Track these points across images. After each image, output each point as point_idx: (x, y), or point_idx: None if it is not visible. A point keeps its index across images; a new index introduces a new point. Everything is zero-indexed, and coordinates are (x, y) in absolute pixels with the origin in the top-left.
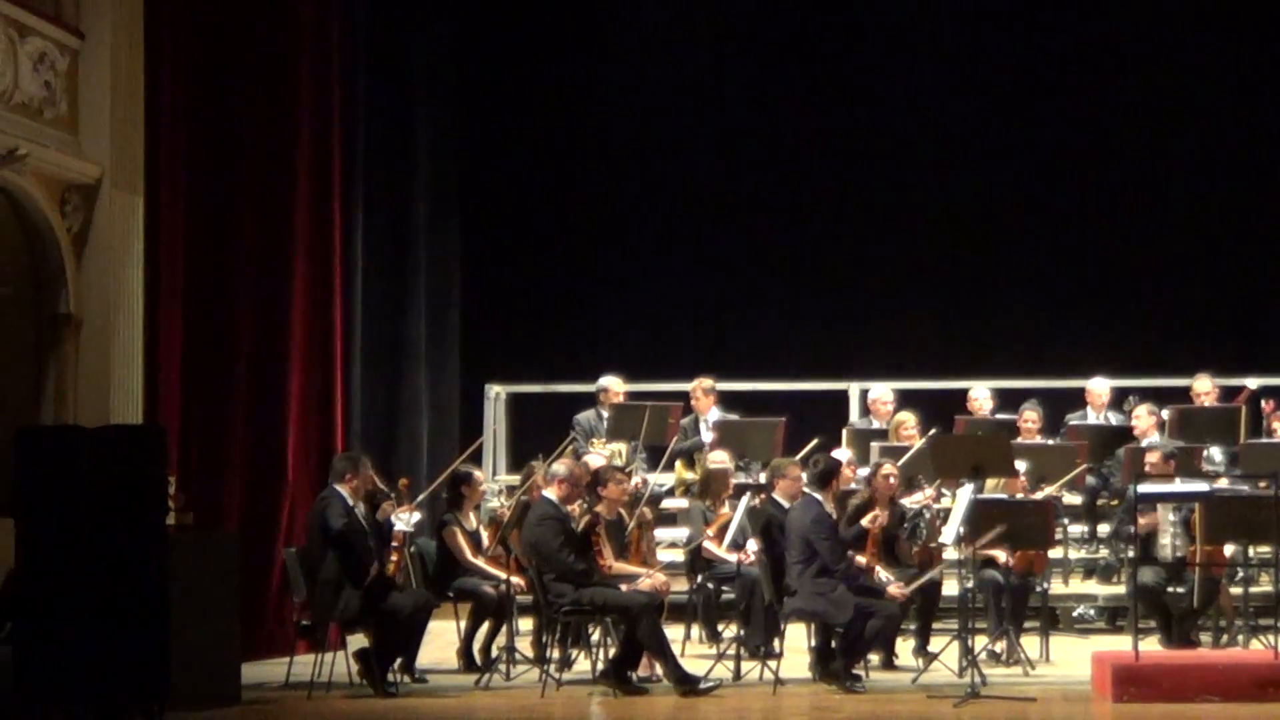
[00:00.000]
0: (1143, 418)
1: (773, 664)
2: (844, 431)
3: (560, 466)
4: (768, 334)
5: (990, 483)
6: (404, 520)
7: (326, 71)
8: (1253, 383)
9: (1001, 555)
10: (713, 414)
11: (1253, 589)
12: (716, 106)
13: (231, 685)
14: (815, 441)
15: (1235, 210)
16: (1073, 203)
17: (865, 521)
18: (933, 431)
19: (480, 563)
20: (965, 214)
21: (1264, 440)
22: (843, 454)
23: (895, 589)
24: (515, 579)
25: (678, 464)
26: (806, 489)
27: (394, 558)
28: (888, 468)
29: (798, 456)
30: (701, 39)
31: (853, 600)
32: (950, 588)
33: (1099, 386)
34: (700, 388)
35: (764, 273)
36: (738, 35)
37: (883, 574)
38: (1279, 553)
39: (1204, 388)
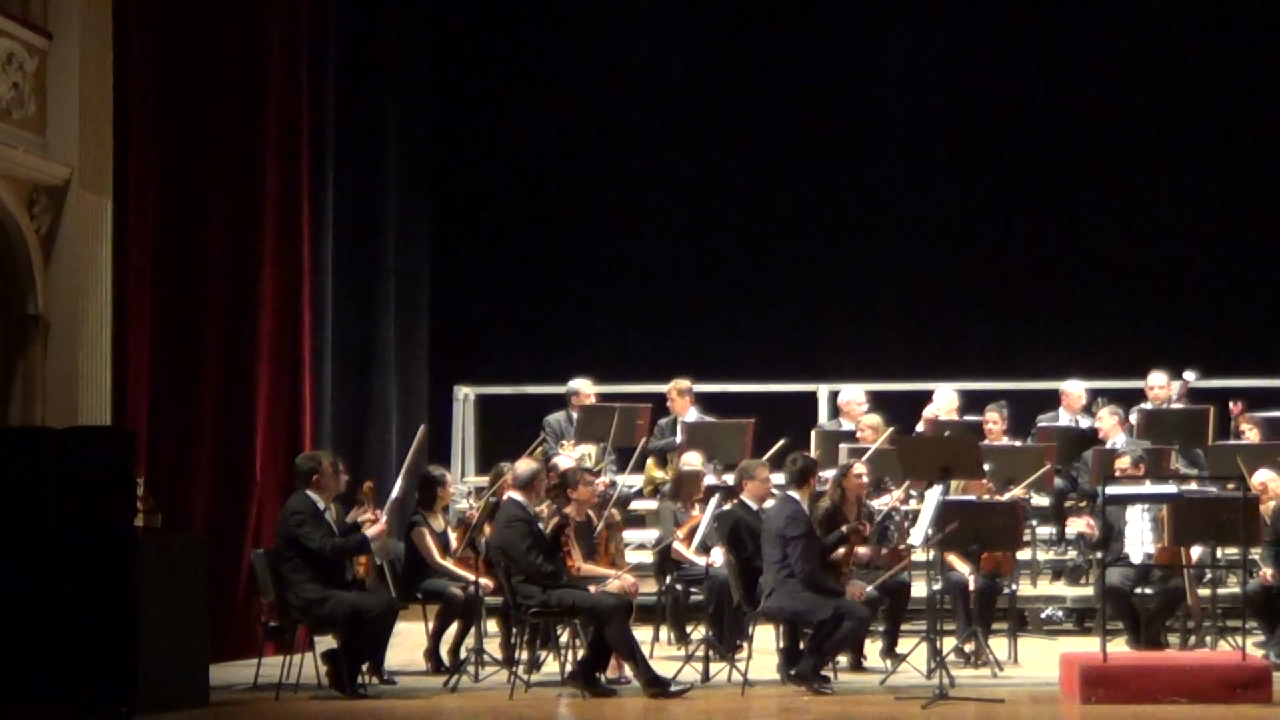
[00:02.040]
0: (1105, 419)
1: (741, 665)
2: (812, 433)
3: (522, 466)
4: (737, 335)
5: (954, 484)
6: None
7: (295, 73)
8: (1190, 375)
9: (965, 569)
10: (690, 415)
11: (1220, 590)
12: (689, 109)
13: (200, 686)
14: (782, 442)
15: (1204, 213)
16: (1042, 205)
17: (846, 530)
18: (889, 431)
19: (449, 564)
20: (936, 216)
21: (1232, 442)
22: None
23: (855, 588)
24: (484, 580)
25: (649, 462)
26: (779, 488)
27: (362, 560)
28: (858, 468)
29: (765, 457)
30: (675, 43)
31: (831, 599)
32: (919, 589)
33: (1074, 388)
34: (676, 389)
35: (734, 274)
36: (711, 38)
37: (857, 583)
38: (1246, 554)
39: (1159, 381)
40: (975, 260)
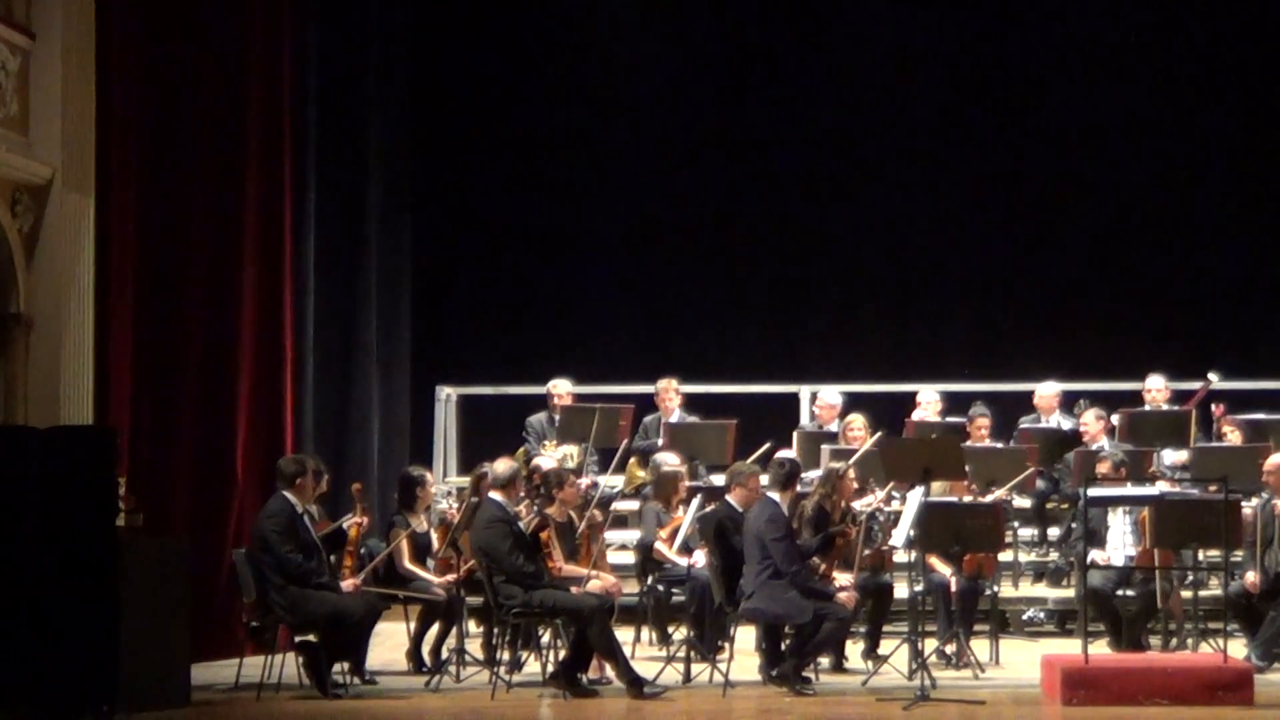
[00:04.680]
0: (1091, 422)
1: (723, 666)
2: (795, 434)
3: (500, 466)
4: (719, 336)
5: (936, 486)
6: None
7: (277, 73)
8: (1214, 376)
9: (947, 570)
10: (675, 416)
11: (1201, 593)
12: (670, 111)
13: (181, 686)
14: (767, 445)
15: (1185, 214)
16: (1022, 206)
17: (833, 531)
18: (878, 435)
19: (416, 569)
20: (916, 217)
21: (1214, 444)
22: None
23: (846, 595)
24: (450, 576)
25: (631, 462)
26: (766, 491)
27: (347, 562)
28: (850, 471)
29: (750, 459)
30: (657, 46)
31: (812, 602)
32: (901, 591)
33: (1047, 391)
34: (670, 387)
35: (716, 275)
36: (693, 41)
37: (839, 579)
38: (1228, 556)
39: (1157, 385)
40: (958, 262)
